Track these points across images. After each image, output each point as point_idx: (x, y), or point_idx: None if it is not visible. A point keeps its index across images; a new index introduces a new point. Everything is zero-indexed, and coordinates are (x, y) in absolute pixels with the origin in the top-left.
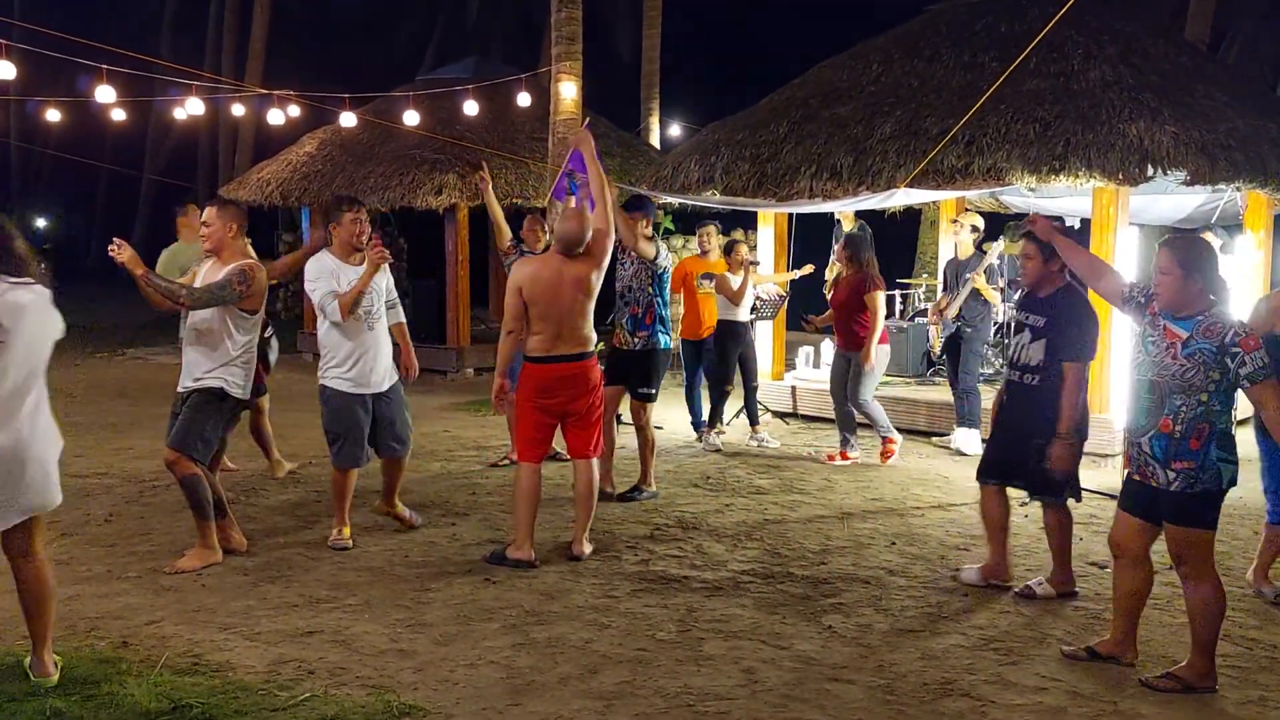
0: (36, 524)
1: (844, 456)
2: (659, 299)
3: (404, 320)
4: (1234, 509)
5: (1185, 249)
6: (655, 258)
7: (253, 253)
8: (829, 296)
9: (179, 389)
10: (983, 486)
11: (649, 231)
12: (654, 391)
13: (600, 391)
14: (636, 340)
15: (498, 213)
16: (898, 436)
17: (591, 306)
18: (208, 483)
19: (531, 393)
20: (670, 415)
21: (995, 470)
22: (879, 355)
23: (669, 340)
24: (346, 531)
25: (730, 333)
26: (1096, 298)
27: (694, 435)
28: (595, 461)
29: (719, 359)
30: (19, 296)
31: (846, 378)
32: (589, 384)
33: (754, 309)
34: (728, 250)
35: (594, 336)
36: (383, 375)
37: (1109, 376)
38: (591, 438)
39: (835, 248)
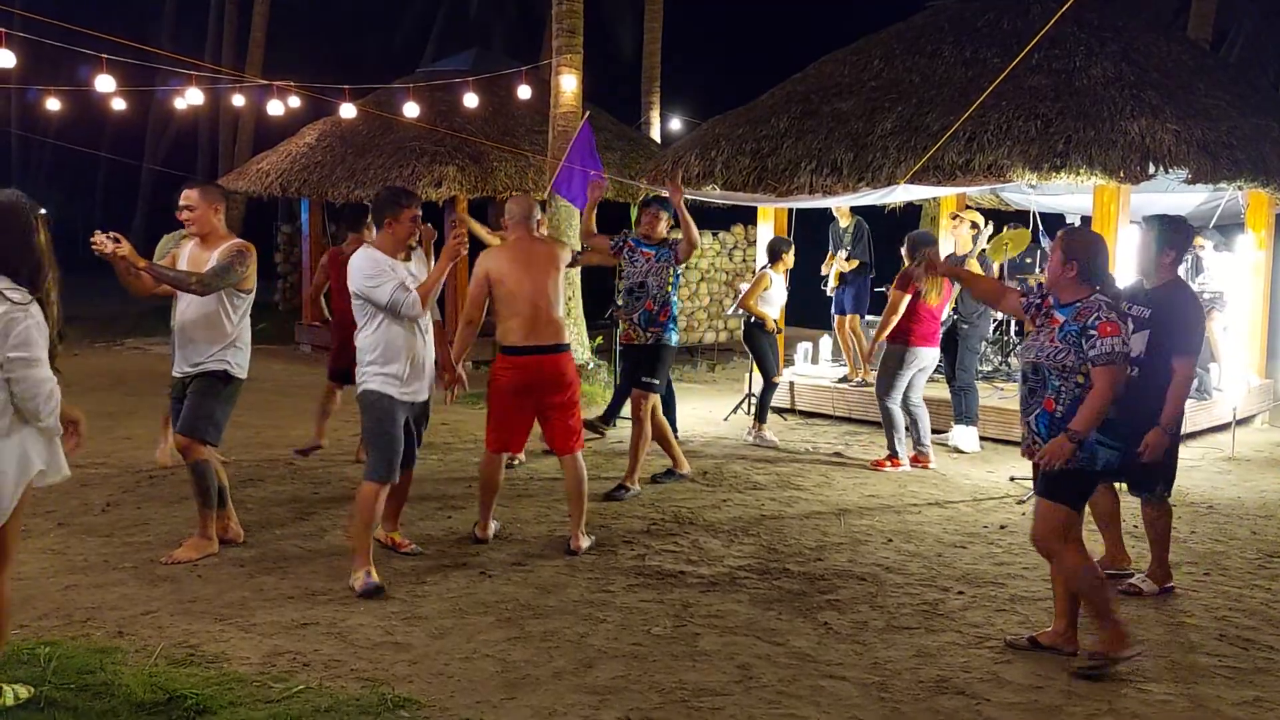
0: None
1: (894, 463)
2: (674, 297)
3: (440, 318)
4: (1232, 509)
5: (1070, 238)
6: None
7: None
8: (830, 291)
9: (176, 374)
10: None
11: (665, 228)
12: (656, 381)
13: (578, 385)
14: (649, 335)
15: (483, 234)
16: (904, 461)
17: (561, 287)
18: (215, 470)
19: (506, 384)
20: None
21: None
22: (923, 356)
23: (677, 337)
24: (375, 573)
25: (760, 329)
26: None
27: (693, 430)
28: (580, 455)
29: (757, 356)
30: None
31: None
32: (565, 378)
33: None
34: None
35: (564, 326)
36: (426, 383)
37: None
38: (573, 431)
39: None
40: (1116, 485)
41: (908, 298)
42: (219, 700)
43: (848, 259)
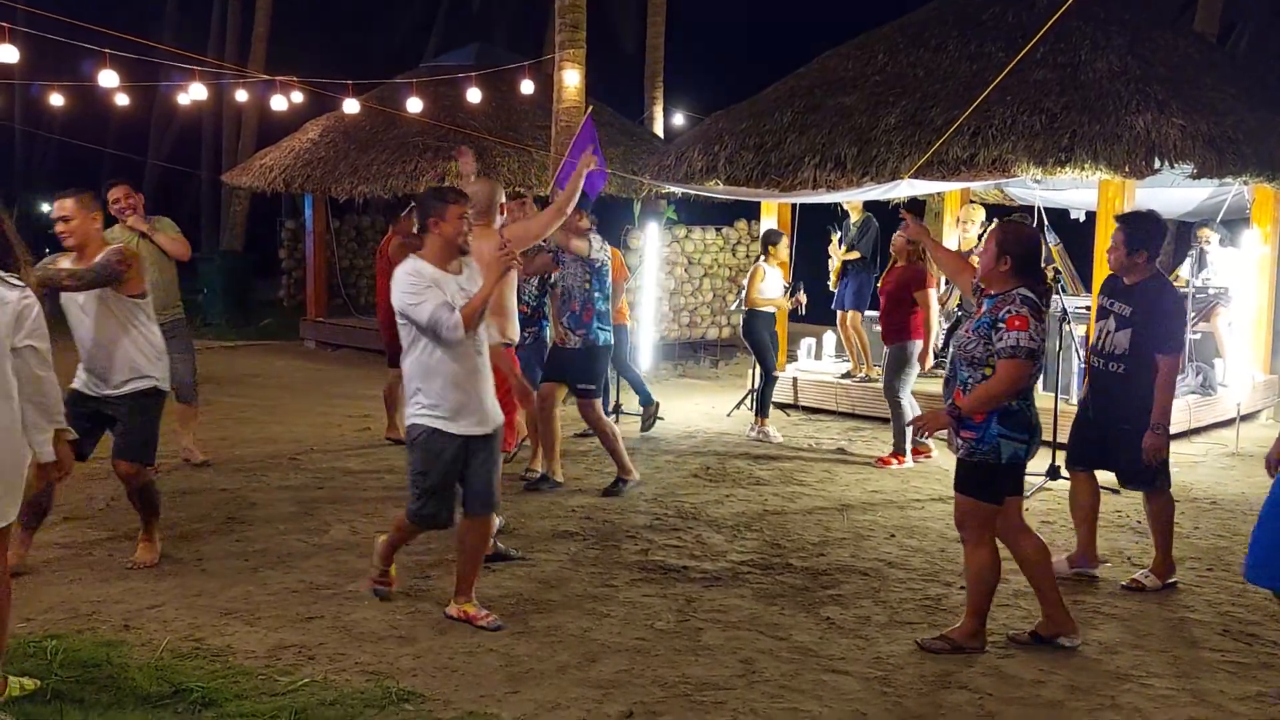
0: None
1: (898, 460)
2: (598, 294)
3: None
4: (1236, 504)
5: (1006, 232)
6: (590, 253)
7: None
8: (833, 286)
9: (88, 391)
10: (1072, 474)
11: (586, 225)
12: (595, 387)
13: (504, 385)
14: (575, 338)
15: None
16: (908, 458)
17: (501, 287)
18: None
19: None
20: (670, 406)
21: (1085, 457)
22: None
23: (608, 336)
24: (393, 570)
25: (760, 321)
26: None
27: (696, 425)
28: (511, 452)
29: (757, 349)
30: None
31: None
32: (498, 374)
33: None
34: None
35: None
36: (488, 412)
37: None
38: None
39: (835, 238)
40: (1102, 482)
41: (933, 291)
42: (224, 693)
43: (846, 249)
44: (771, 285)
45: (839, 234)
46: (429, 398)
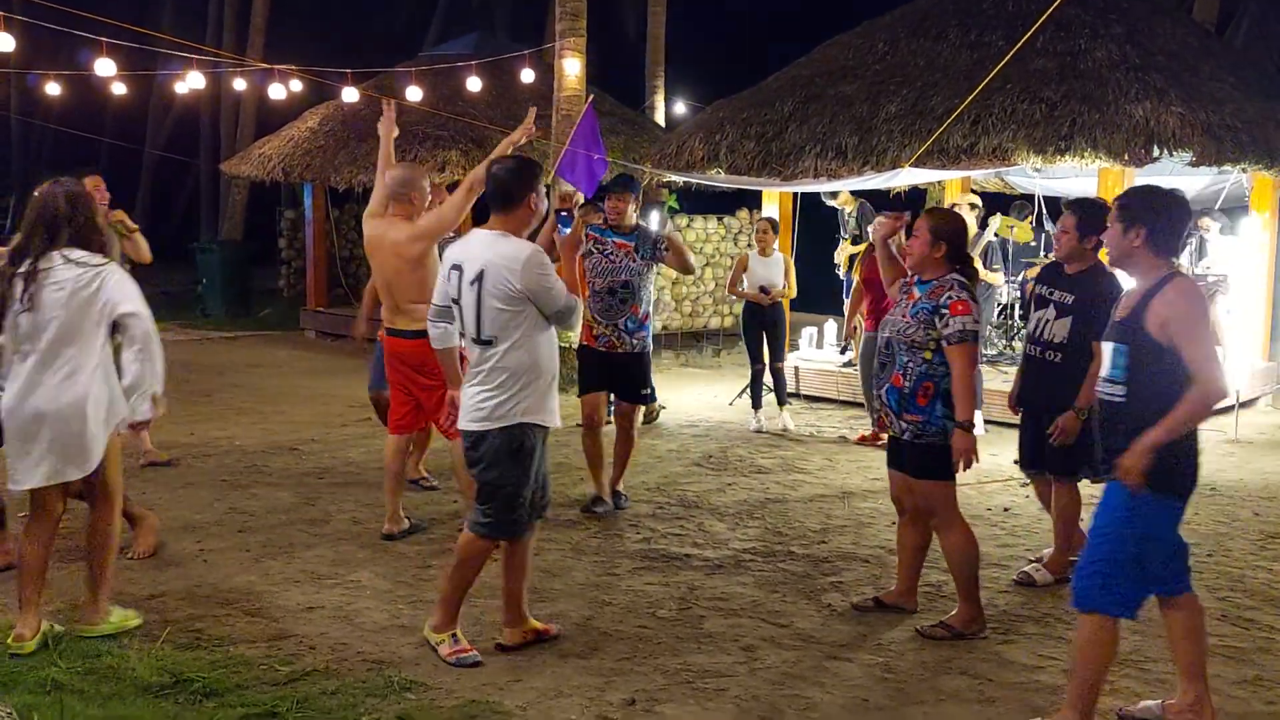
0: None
1: (875, 439)
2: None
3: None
4: (1235, 491)
5: (937, 219)
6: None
7: None
8: (843, 274)
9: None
10: (1033, 478)
11: (634, 215)
12: (652, 390)
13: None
14: (635, 342)
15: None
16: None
17: (421, 277)
18: None
19: (386, 362)
20: (672, 395)
21: (1034, 459)
22: None
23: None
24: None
25: (746, 311)
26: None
27: (698, 415)
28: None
29: (745, 341)
30: (59, 273)
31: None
32: (427, 365)
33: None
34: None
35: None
36: None
37: None
38: (444, 421)
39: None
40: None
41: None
42: (225, 683)
43: (850, 241)
44: (758, 273)
45: (843, 235)
46: (538, 392)
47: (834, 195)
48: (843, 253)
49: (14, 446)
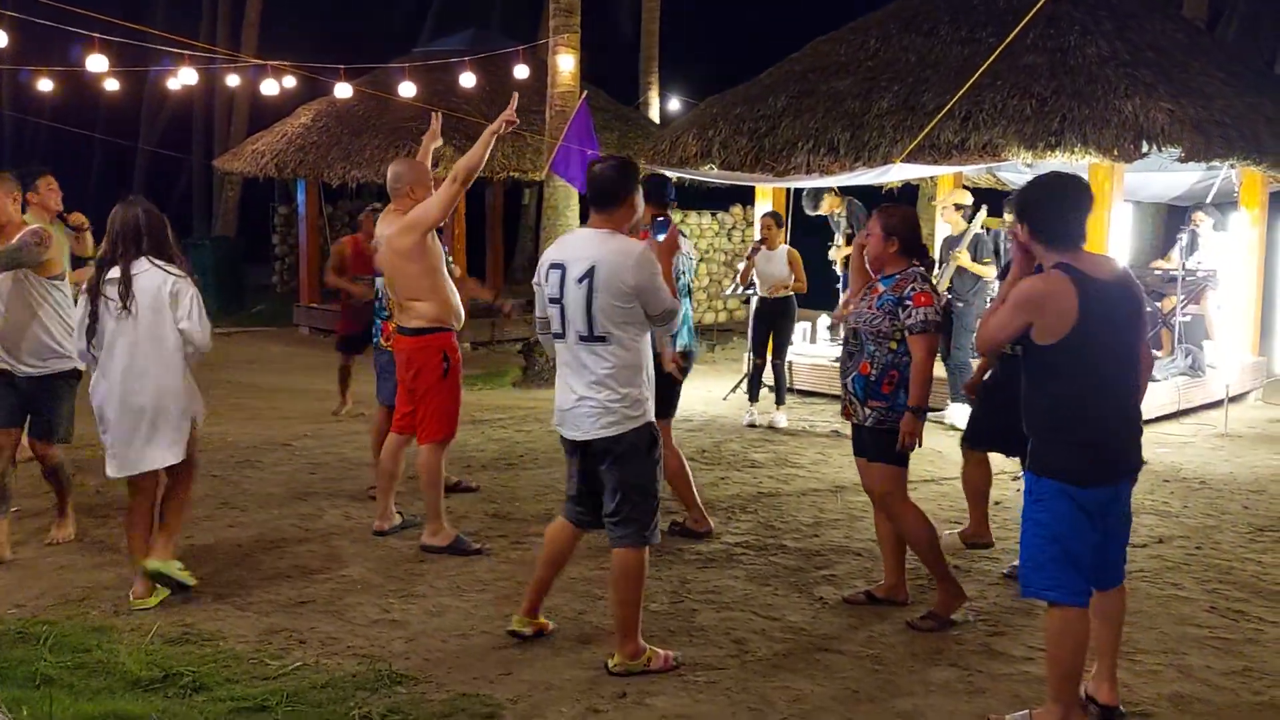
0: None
1: None
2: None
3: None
4: (1224, 484)
5: (889, 216)
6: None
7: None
8: (840, 271)
9: (12, 370)
10: (969, 452)
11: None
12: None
13: (429, 374)
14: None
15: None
16: None
17: (415, 272)
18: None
19: (396, 360)
20: None
21: (984, 438)
22: None
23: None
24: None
25: (759, 306)
26: None
27: (692, 409)
28: (431, 448)
29: (753, 333)
30: (148, 279)
31: None
32: (414, 365)
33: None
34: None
35: (431, 312)
36: None
37: None
38: (422, 419)
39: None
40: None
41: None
42: (215, 677)
43: (848, 242)
44: (760, 270)
45: (837, 240)
46: (648, 390)
47: (815, 205)
48: (839, 253)
49: (119, 437)
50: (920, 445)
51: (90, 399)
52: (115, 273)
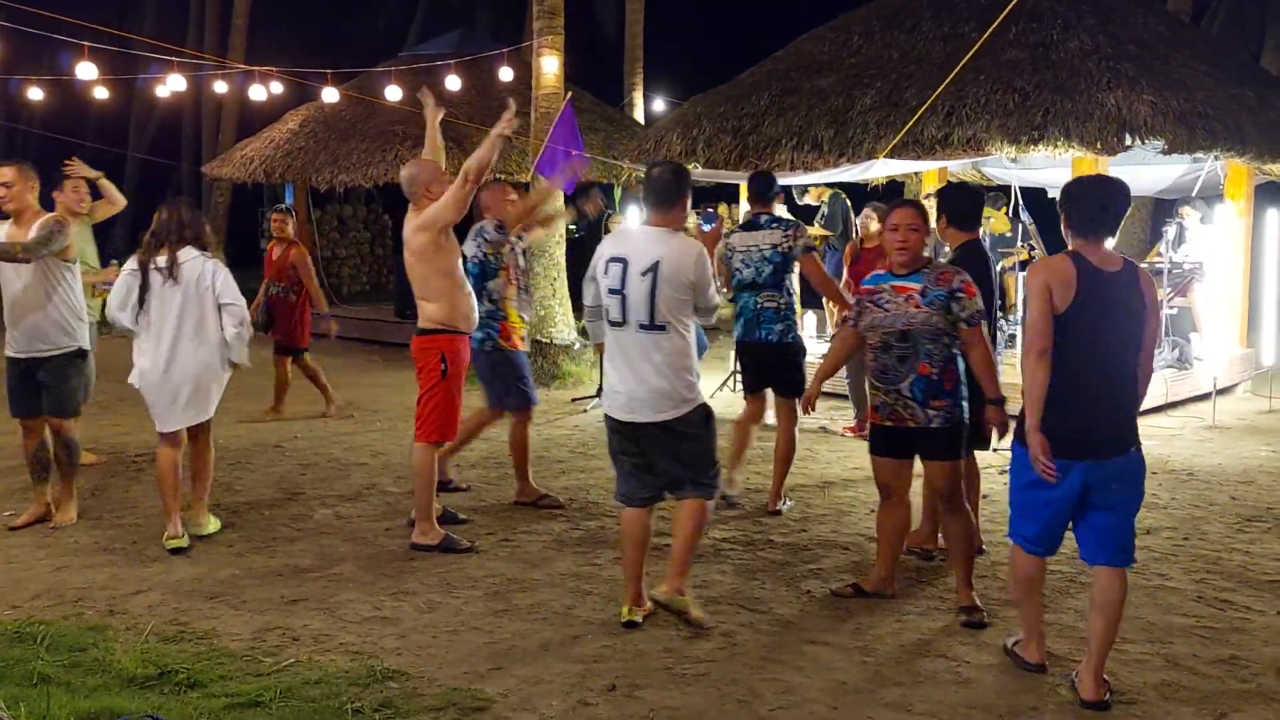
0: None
1: (860, 429)
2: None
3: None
4: (1212, 475)
5: (920, 209)
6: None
7: None
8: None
9: (17, 355)
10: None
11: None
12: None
13: (429, 371)
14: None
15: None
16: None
17: (425, 272)
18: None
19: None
20: None
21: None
22: None
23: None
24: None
25: None
26: None
27: None
28: (422, 446)
29: None
30: (190, 267)
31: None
32: (417, 364)
33: None
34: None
35: (437, 314)
36: None
37: None
38: (418, 417)
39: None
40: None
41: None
42: (209, 674)
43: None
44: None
45: (819, 222)
46: (696, 374)
47: (803, 191)
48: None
49: (162, 401)
50: (958, 430)
51: (131, 376)
52: (163, 260)
